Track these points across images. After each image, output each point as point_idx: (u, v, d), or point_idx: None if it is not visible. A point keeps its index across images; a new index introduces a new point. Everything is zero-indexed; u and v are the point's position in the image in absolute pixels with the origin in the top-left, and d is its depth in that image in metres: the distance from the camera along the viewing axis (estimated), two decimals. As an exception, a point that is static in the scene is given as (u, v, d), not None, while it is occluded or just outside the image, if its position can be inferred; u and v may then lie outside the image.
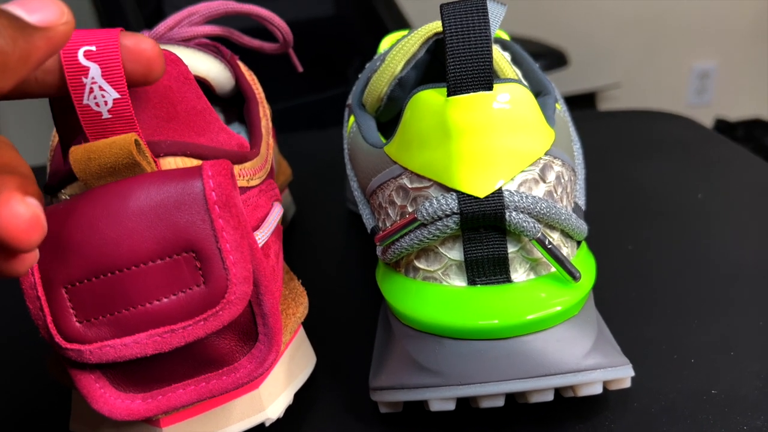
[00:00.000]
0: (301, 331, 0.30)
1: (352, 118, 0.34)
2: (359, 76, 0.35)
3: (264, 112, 0.33)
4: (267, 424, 0.27)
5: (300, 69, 0.36)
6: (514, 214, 0.24)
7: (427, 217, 0.24)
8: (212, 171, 0.21)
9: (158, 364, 0.23)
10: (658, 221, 0.42)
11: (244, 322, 0.23)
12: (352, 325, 0.34)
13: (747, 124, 1.63)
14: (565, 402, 0.28)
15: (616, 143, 0.54)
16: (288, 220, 0.45)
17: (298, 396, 0.29)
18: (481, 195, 0.24)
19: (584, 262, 0.27)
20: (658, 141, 0.54)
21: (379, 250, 0.28)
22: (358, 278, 0.38)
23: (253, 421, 0.26)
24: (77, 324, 0.21)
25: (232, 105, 0.35)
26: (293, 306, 0.29)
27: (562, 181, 0.27)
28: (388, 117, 0.35)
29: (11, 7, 0.15)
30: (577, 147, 0.32)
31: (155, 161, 0.23)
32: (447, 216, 0.24)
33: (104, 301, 0.21)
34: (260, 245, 0.24)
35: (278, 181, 0.42)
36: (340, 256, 0.41)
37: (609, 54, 1.85)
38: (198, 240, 0.21)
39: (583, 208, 0.30)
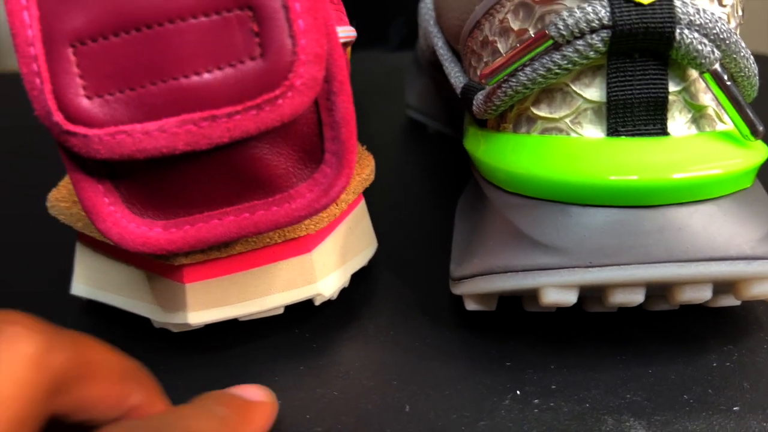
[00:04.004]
0: (364, 204, 0.24)
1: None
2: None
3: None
4: (317, 303, 0.21)
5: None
6: (687, 32, 0.18)
7: (564, 32, 0.18)
8: None
9: (189, 181, 0.17)
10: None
11: (308, 132, 0.17)
12: (415, 228, 0.28)
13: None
14: (703, 319, 0.21)
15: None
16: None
17: (353, 281, 0.23)
18: (645, 1, 0.17)
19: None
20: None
21: (477, 100, 0.22)
22: (418, 183, 0.32)
23: (300, 294, 0.20)
24: (86, 99, 0.15)
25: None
26: (357, 167, 0.23)
27: (736, 14, 0.20)
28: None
29: (236, 392, 0.17)
30: None
31: None
32: (593, 31, 0.18)
33: (124, 69, 0.15)
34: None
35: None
36: (399, 161, 0.35)
37: None
38: (260, -8, 0.15)
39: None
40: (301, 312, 0.22)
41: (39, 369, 0.13)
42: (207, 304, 0.19)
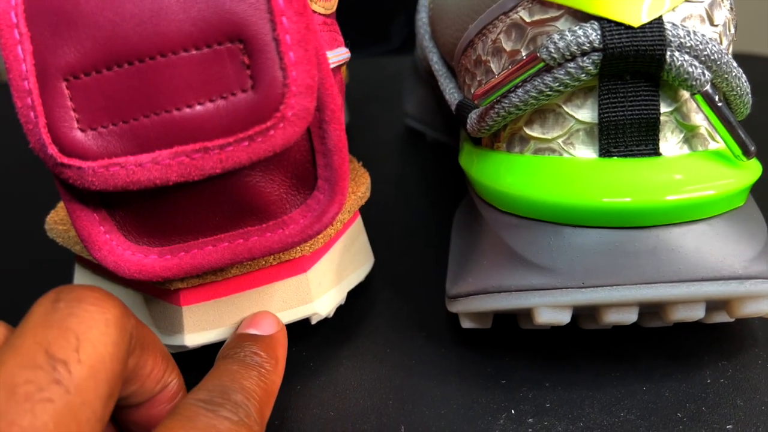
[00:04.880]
0: (360, 221, 0.24)
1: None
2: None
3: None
4: (313, 322, 0.21)
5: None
6: (677, 55, 0.18)
7: (556, 55, 0.18)
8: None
9: (183, 208, 0.17)
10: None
11: (300, 160, 0.17)
12: (413, 240, 0.28)
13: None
14: (697, 334, 0.22)
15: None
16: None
17: (350, 298, 0.23)
18: (635, 23, 0.17)
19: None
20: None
21: (471, 119, 0.22)
22: (417, 194, 0.32)
23: (297, 314, 0.20)
24: (79, 132, 0.15)
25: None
26: (353, 185, 0.23)
27: (728, 33, 0.20)
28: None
29: (249, 330, 0.19)
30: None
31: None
32: (584, 54, 0.18)
33: (117, 102, 0.15)
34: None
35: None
36: (398, 170, 0.35)
37: None
38: (249, 25, 0.15)
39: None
40: (298, 331, 0.22)
41: (122, 331, 0.14)
42: (204, 326, 0.19)
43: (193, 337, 0.19)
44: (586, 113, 0.19)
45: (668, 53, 0.18)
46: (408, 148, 0.38)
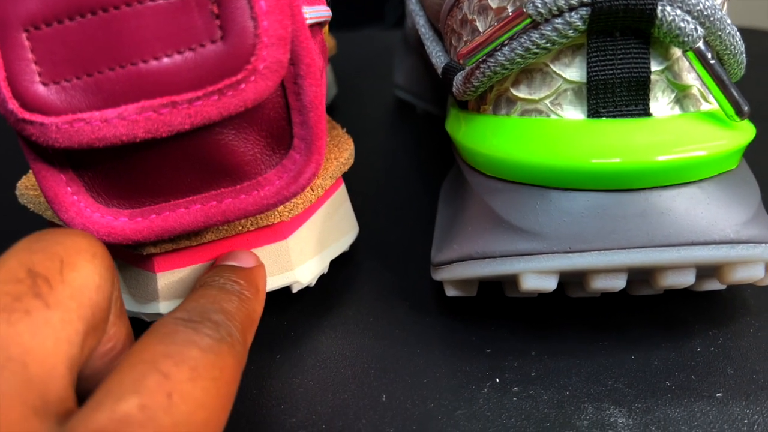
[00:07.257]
0: (344, 189, 0.23)
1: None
2: None
3: None
4: (294, 290, 0.20)
5: None
6: (669, 9, 0.17)
7: (542, 10, 0.17)
8: None
9: (153, 169, 0.16)
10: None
11: (274, 117, 0.16)
12: (400, 211, 0.27)
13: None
14: (688, 303, 0.21)
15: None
16: (328, 103, 0.38)
17: (333, 267, 0.23)
18: (626, -24, 0.17)
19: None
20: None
21: (457, 81, 0.21)
22: (406, 165, 0.32)
23: (276, 282, 0.20)
24: (41, 86, 0.15)
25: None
26: (336, 151, 0.22)
27: (726, -9, 0.19)
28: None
29: (228, 263, 0.18)
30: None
31: None
32: (572, 9, 0.17)
33: (80, 55, 0.15)
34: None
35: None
36: (386, 142, 0.35)
37: None
38: (219, -28, 0.14)
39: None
40: (279, 300, 0.22)
41: (109, 268, 0.14)
42: (179, 293, 0.19)
43: (168, 305, 0.19)
44: (574, 72, 0.18)
45: (659, 7, 0.17)
46: (397, 121, 0.37)
